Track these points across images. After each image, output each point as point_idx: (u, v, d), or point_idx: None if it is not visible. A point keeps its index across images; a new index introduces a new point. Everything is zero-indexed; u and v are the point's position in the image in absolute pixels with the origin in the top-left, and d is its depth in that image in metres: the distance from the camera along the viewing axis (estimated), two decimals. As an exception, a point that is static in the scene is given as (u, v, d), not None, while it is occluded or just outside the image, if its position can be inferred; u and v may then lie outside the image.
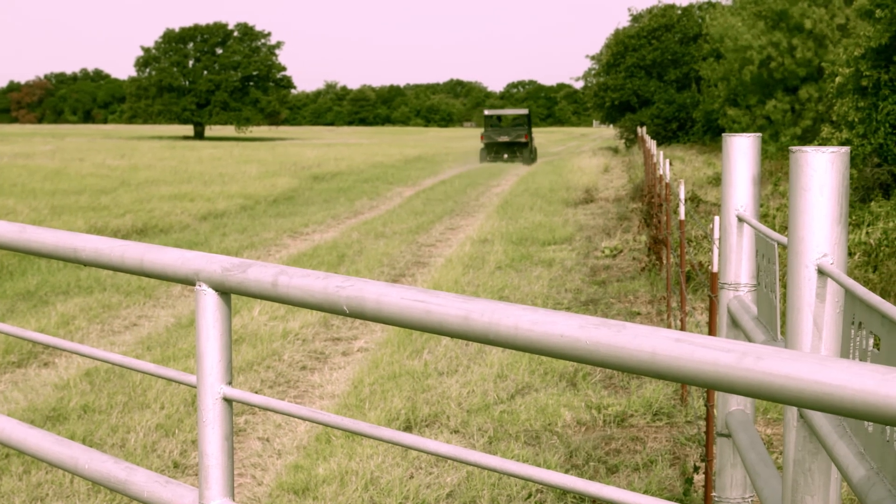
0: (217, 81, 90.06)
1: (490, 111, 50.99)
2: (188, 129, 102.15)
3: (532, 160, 47.15)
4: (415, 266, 14.83)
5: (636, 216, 19.07)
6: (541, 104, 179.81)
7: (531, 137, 48.43)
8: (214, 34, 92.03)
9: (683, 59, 54.42)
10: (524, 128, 48.44)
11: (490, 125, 49.46)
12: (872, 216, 15.68)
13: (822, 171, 2.16)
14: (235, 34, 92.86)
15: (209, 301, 2.06)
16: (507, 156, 46.96)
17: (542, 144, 68.87)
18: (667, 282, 10.67)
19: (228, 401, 2.08)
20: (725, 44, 41.55)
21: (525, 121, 49.78)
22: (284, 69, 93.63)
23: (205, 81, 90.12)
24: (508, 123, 51.33)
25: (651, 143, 20.50)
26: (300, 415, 1.98)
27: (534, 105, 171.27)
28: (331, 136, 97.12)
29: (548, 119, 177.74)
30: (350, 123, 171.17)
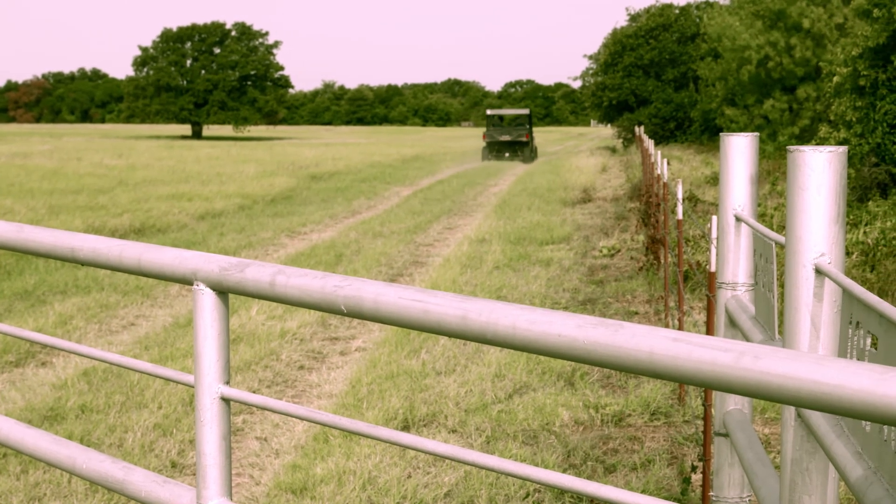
0: (215, 81, 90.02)
1: (492, 111, 51.81)
2: (186, 129, 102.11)
3: (533, 159, 48.01)
4: (412, 266, 14.83)
5: (634, 216, 19.08)
6: (538, 104, 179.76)
7: (532, 137, 49.24)
8: (212, 34, 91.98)
9: (681, 59, 54.46)
10: (525, 127, 49.19)
11: (492, 124, 50.16)
12: (870, 216, 15.69)
13: (820, 171, 2.16)
14: (233, 34, 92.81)
15: (207, 300, 2.06)
16: (509, 154, 47.79)
17: (540, 144, 68.78)
18: (664, 281, 10.67)
19: (226, 400, 2.07)
20: (723, 43, 41.55)
21: (526, 120, 50.70)
22: (282, 69, 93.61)
23: (202, 81, 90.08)
24: (510, 123, 52.11)
25: (649, 143, 20.51)
26: (298, 414, 1.98)
27: (531, 104, 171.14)
28: (329, 136, 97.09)
29: (545, 119, 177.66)
30: (348, 123, 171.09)
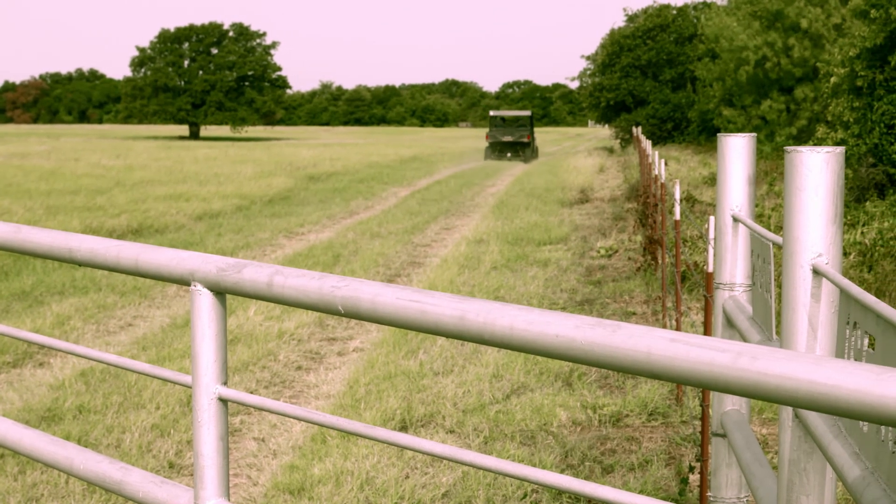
0: (212, 81, 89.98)
1: (495, 112, 53.73)
2: (184, 129, 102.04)
3: (534, 158, 49.59)
4: (410, 266, 14.83)
5: (632, 216, 19.08)
6: (536, 104, 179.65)
7: (533, 137, 50.89)
8: (210, 34, 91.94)
9: (679, 59, 54.45)
10: (527, 128, 51.01)
11: (495, 125, 51.91)
12: (867, 216, 15.70)
13: (818, 171, 2.16)
14: (231, 34, 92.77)
15: (204, 301, 2.06)
16: (511, 154, 49.25)
17: (538, 144, 68.81)
18: (662, 282, 10.68)
19: (224, 401, 2.07)
20: (721, 44, 41.56)
21: (528, 121, 52.56)
22: (280, 69, 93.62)
23: (200, 81, 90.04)
24: (512, 124, 53.47)
25: (646, 143, 20.50)
26: (295, 415, 1.98)
27: (529, 105, 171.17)
28: (326, 136, 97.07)
29: (543, 119, 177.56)
30: (346, 123, 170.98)
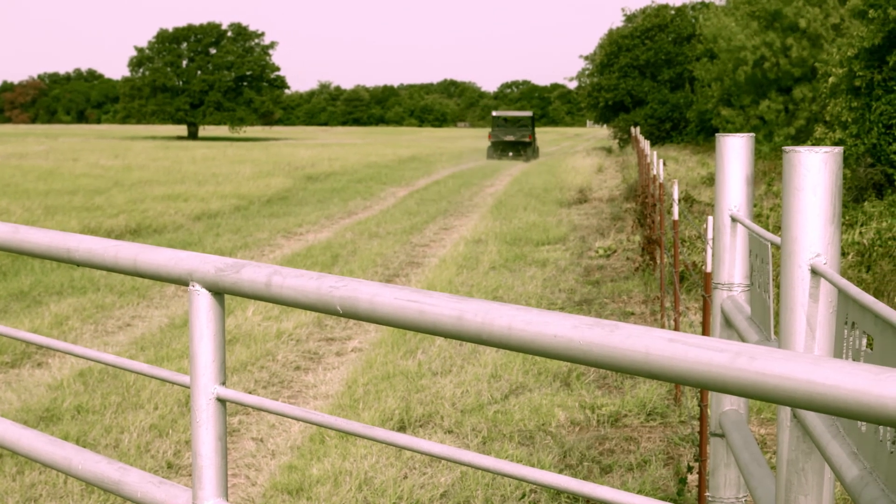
0: (211, 81, 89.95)
1: (497, 112, 55.37)
2: (182, 130, 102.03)
3: (535, 157, 51.38)
4: (408, 266, 14.83)
5: (630, 216, 19.09)
6: (535, 104, 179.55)
7: (534, 137, 52.75)
8: (208, 34, 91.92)
9: (677, 60, 54.45)
10: (528, 128, 52.95)
11: (497, 125, 53.65)
12: (866, 216, 15.70)
13: (816, 172, 2.16)
14: (229, 34, 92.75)
15: (203, 301, 2.06)
16: (512, 154, 51.03)
17: (539, 144, 68.89)
18: (660, 282, 10.68)
19: (222, 401, 2.07)
20: (719, 44, 41.57)
21: (529, 122, 54.36)
22: (278, 69, 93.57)
23: (198, 81, 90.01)
24: (514, 124, 54.94)
25: (645, 143, 20.51)
26: (294, 415, 1.98)
27: (528, 105, 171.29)
28: (325, 137, 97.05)
29: (542, 119, 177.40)
30: (344, 123, 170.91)
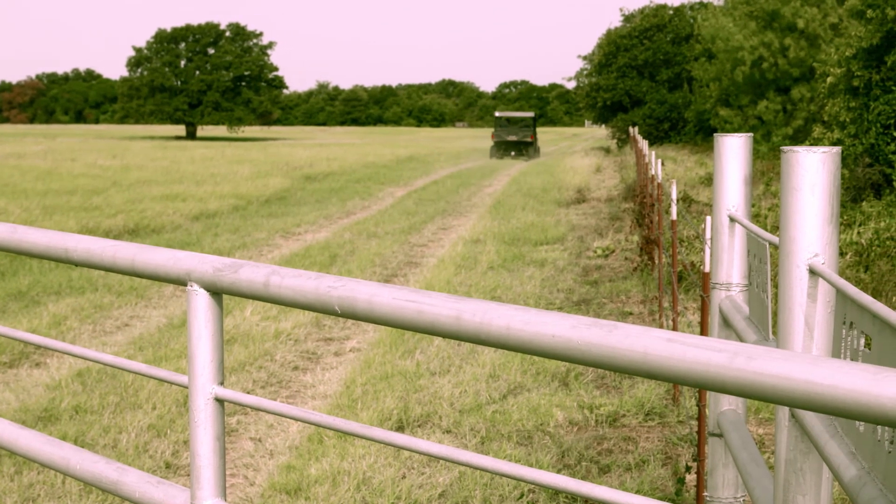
0: (209, 81, 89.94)
1: (500, 113, 56.99)
2: (180, 130, 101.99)
3: (536, 156, 53.12)
4: (407, 266, 14.83)
5: (628, 216, 19.09)
6: (533, 104, 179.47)
7: (536, 137, 54.38)
8: (206, 34, 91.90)
9: (675, 60, 54.48)
10: (530, 128, 54.58)
11: (500, 125, 55.25)
12: (864, 216, 15.71)
13: (814, 171, 2.16)
14: (227, 34, 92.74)
15: (201, 301, 2.05)
16: (514, 153, 52.70)
17: (539, 144, 68.99)
18: (659, 282, 10.68)
19: (220, 401, 2.07)
20: (717, 44, 41.58)
21: (531, 122, 55.94)
22: (276, 69, 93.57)
23: (197, 81, 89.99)
24: (516, 124, 56.34)
25: (643, 143, 20.52)
26: (292, 415, 1.98)
27: (526, 105, 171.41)
28: (323, 137, 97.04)
29: (540, 119, 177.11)
30: (342, 123, 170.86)
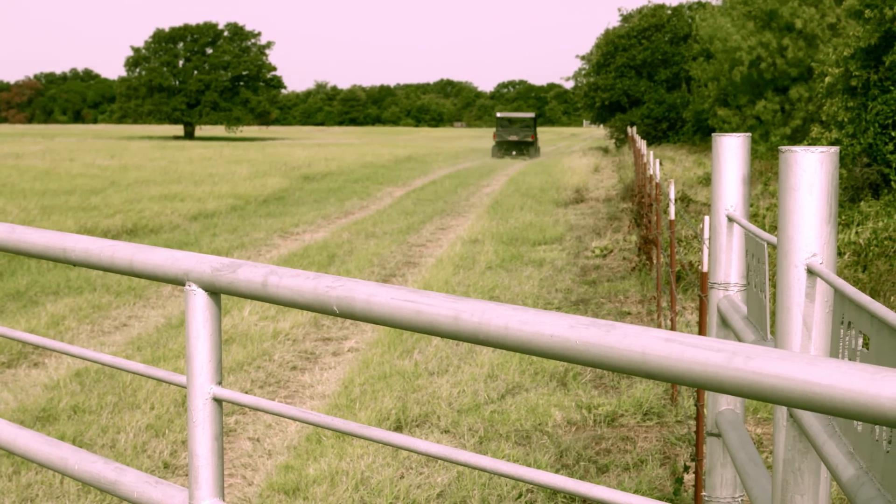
0: (207, 81, 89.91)
1: (502, 114, 58.00)
2: (178, 129, 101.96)
3: (537, 156, 54.15)
4: (405, 266, 14.83)
5: (626, 216, 19.10)
6: (531, 104, 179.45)
7: (536, 137, 55.54)
8: (204, 34, 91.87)
9: (673, 59, 54.47)
10: (531, 128, 55.65)
11: (501, 126, 56.23)
12: (862, 216, 15.71)
13: (812, 171, 2.16)
14: (225, 34, 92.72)
15: (199, 301, 2.05)
16: (516, 153, 53.83)
17: (540, 144, 69.07)
18: (657, 281, 10.68)
19: (218, 401, 2.07)
20: (715, 44, 41.59)
21: (532, 122, 56.82)
22: (275, 69, 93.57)
23: (195, 81, 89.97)
24: (517, 124, 57.24)
25: (641, 143, 20.52)
26: (290, 415, 1.98)
27: (524, 105, 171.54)
28: (321, 136, 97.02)
29: (538, 119, 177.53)
30: (340, 123, 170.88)
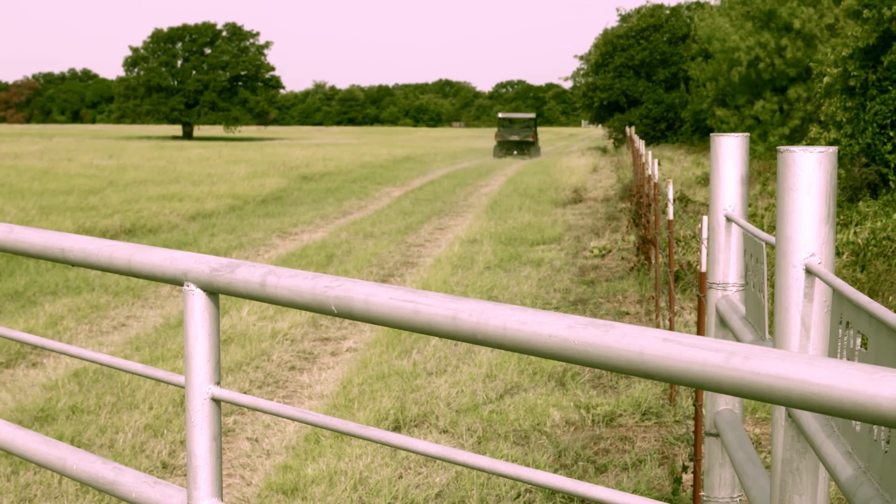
0: (205, 81, 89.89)
1: (503, 114, 59.31)
2: (177, 129, 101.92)
3: (537, 155, 55.13)
4: (403, 266, 14.83)
5: (625, 216, 19.10)
6: (530, 104, 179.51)
7: (536, 137, 56.60)
8: (203, 34, 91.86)
9: (672, 59, 54.46)
10: (532, 129, 56.75)
11: (503, 126, 57.39)
12: (860, 216, 15.71)
13: (810, 171, 2.16)
14: (224, 34, 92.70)
15: (197, 301, 2.05)
16: (517, 152, 54.99)
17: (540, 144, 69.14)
18: (655, 281, 10.69)
19: (217, 401, 2.07)
20: (713, 44, 41.59)
21: (532, 123, 57.91)
22: (273, 69, 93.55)
23: (193, 81, 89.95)
24: (518, 125, 58.26)
25: (640, 143, 20.52)
26: (289, 415, 1.98)
27: (522, 105, 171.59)
28: (319, 136, 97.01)
29: (536, 119, 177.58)
30: (339, 123, 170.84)
